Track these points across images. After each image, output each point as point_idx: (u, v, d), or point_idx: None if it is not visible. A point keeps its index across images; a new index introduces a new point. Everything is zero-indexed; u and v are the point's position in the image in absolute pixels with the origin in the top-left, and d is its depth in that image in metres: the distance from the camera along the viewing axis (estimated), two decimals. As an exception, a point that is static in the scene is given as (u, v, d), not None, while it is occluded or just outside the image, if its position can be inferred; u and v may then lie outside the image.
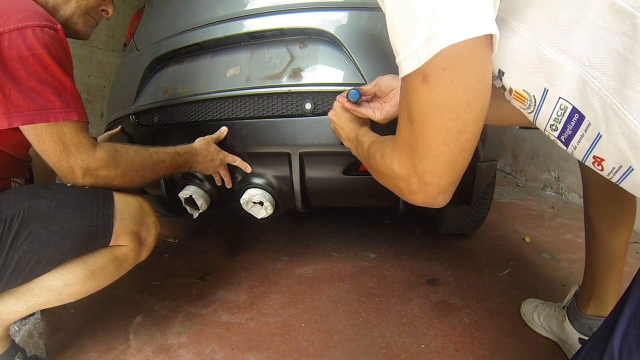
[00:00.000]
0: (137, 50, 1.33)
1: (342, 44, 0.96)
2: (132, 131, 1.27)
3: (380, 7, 0.46)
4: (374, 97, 0.81)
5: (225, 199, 1.20)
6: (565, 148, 0.46)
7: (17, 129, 0.69)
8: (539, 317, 1.02)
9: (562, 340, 0.95)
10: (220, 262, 1.50)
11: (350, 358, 0.93)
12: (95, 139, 0.78)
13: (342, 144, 0.87)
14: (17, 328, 1.03)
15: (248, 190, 1.09)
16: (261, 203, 1.09)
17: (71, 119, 0.71)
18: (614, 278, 0.87)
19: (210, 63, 1.11)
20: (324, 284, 1.30)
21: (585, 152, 0.43)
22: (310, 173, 1.04)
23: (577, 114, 0.41)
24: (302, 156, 1.01)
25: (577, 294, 0.95)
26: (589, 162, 0.44)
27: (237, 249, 1.64)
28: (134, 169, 0.81)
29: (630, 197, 0.86)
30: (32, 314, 1.07)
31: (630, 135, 0.37)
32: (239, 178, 1.11)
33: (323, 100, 0.97)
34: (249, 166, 1.06)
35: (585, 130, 0.41)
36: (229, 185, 1.10)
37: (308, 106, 0.97)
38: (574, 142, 0.44)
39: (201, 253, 1.60)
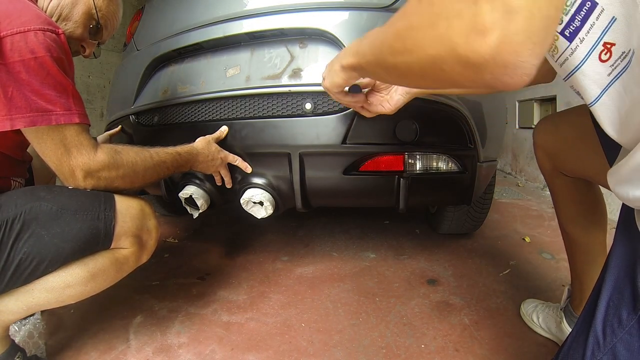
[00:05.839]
0: (137, 50, 1.33)
1: (342, 44, 0.95)
2: (132, 131, 1.27)
3: (379, 7, 0.44)
4: (371, 92, 0.80)
5: (225, 199, 1.20)
6: (567, 44, 0.44)
7: (18, 130, 0.69)
8: (538, 317, 1.02)
9: (562, 340, 0.95)
10: (220, 262, 1.50)
11: (350, 358, 0.93)
12: (96, 140, 0.79)
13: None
14: (17, 328, 1.03)
15: (248, 190, 1.09)
16: (261, 203, 1.09)
17: (72, 121, 0.71)
18: None
19: (210, 63, 1.11)
20: (324, 284, 1.30)
21: (595, 41, 0.42)
22: (310, 173, 1.04)
23: (588, 2, 0.41)
24: (302, 156, 1.01)
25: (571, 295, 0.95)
26: (595, 53, 0.42)
27: (237, 249, 1.64)
28: (135, 170, 0.81)
29: (596, 196, 0.87)
30: (32, 314, 1.07)
31: None
32: (239, 178, 1.11)
33: (323, 100, 0.97)
34: (249, 166, 1.06)
35: (597, 18, 0.41)
36: (229, 185, 1.10)
37: (308, 106, 0.97)
38: (581, 33, 0.43)
39: (201, 253, 1.61)
